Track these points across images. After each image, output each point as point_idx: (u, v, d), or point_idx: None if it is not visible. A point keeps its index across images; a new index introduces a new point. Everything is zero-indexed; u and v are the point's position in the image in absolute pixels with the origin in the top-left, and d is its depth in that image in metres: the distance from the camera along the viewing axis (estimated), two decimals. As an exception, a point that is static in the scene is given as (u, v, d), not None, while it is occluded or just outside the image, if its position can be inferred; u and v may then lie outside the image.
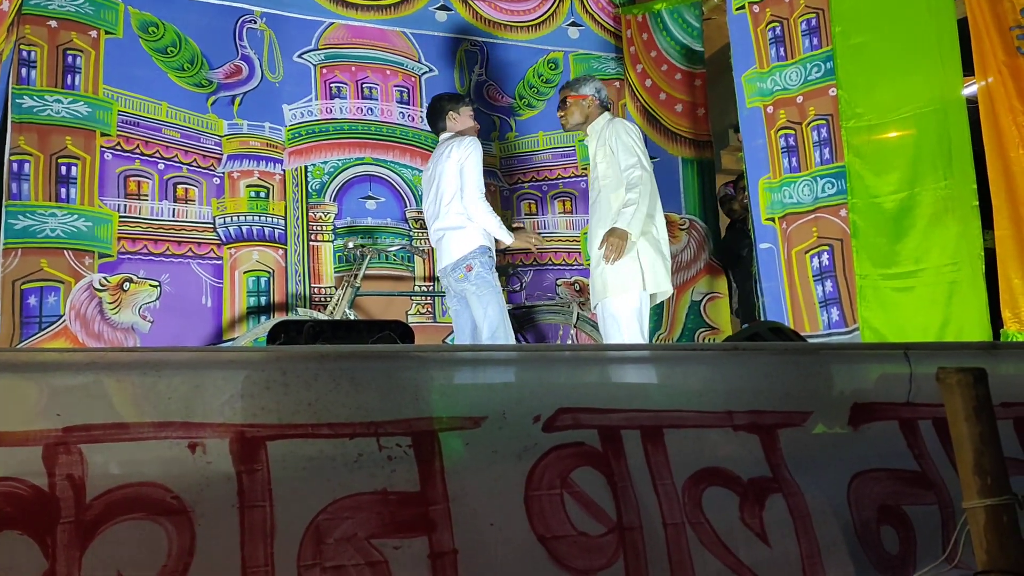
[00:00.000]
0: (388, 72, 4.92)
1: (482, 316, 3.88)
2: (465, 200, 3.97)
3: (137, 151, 4.34)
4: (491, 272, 3.97)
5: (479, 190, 3.99)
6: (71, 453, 1.27)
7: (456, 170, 3.99)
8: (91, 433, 1.29)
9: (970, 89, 3.85)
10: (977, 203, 3.58)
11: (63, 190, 4.14)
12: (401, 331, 1.67)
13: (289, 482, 1.36)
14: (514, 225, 4.65)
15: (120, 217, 4.24)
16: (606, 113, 4.02)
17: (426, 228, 4.29)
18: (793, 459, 1.68)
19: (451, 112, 4.20)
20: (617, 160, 3.80)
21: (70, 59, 4.23)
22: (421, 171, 4.65)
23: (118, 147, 4.29)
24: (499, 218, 4.06)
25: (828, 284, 4.06)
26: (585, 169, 5.35)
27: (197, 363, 1.43)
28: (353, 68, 4.85)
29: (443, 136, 4.22)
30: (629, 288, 3.74)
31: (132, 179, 4.32)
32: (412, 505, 1.40)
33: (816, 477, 1.67)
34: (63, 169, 4.15)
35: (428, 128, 4.50)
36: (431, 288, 4.75)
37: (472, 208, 3.96)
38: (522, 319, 4.62)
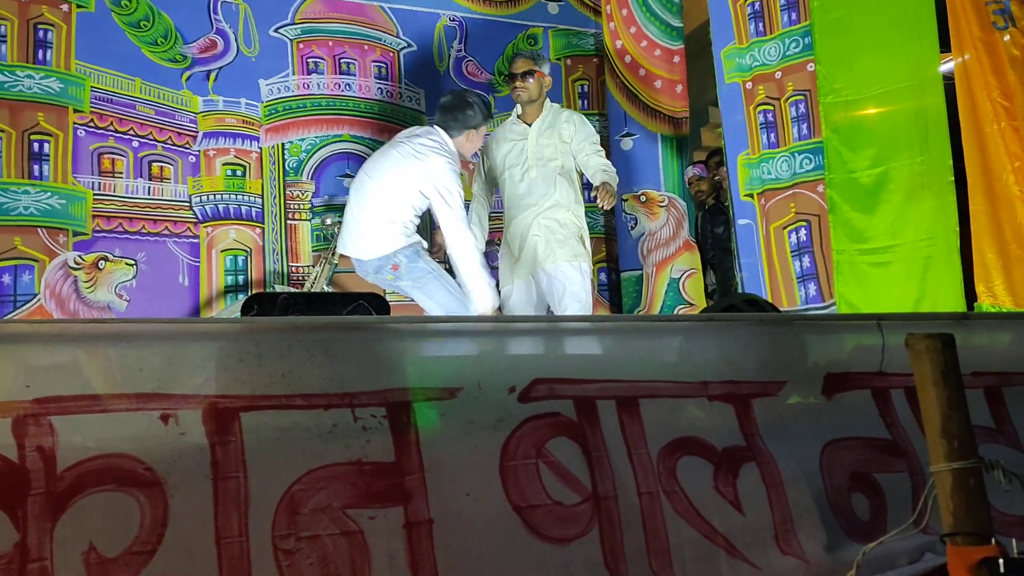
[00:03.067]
0: (366, 47, 4.87)
1: (433, 307, 3.63)
2: (451, 244, 3.57)
3: (111, 128, 4.28)
4: (422, 258, 3.63)
5: (461, 226, 3.58)
6: (41, 425, 1.26)
7: (422, 186, 3.57)
8: (61, 405, 1.28)
9: (947, 66, 3.87)
10: (952, 178, 3.61)
11: (36, 167, 4.08)
12: (376, 303, 1.67)
13: (263, 453, 1.35)
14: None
15: (94, 195, 4.18)
16: (547, 99, 4.09)
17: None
18: (767, 428, 1.70)
19: (471, 131, 3.74)
20: (581, 146, 3.94)
21: (41, 33, 4.15)
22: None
23: (91, 124, 4.23)
24: (482, 258, 3.71)
25: (806, 259, 4.09)
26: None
27: (169, 335, 1.42)
28: (330, 43, 4.80)
29: (426, 129, 3.83)
30: (582, 256, 3.91)
31: (106, 156, 4.26)
32: (387, 475, 1.41)
33: (789, 446, 1.69)
34: (35, 146, 4.09)
35: (408, 104, 4.45)
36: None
37: (461, 257, 3.54)
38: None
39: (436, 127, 3.79)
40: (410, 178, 3.61)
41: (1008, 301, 3.42)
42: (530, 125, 4.03)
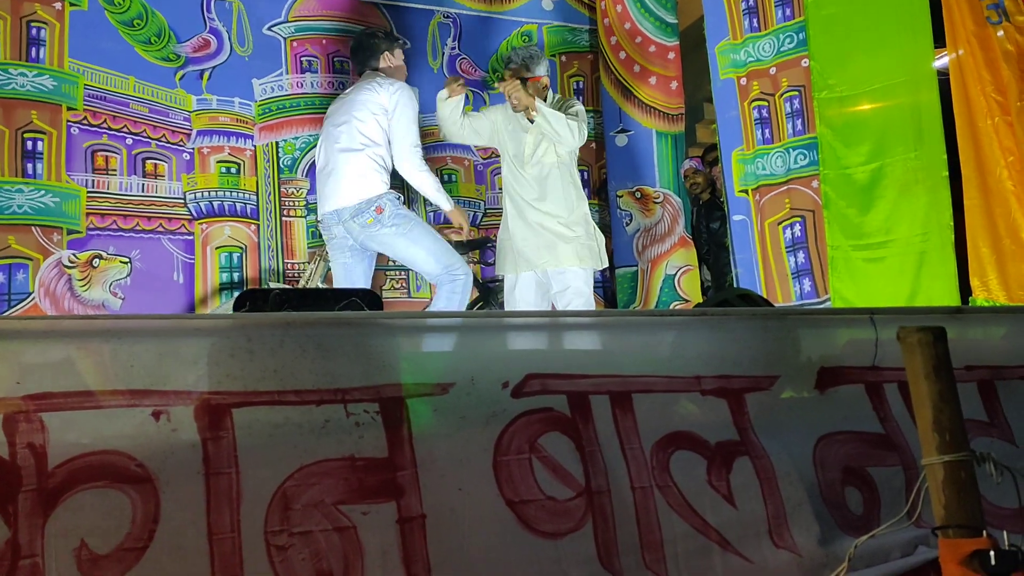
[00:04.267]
0: (360, 45, 4.85)
1: (421, 253, 3.61)
2: (398, 157, 3.69)
3: (104, 126, 4.27)
4: (403, 205, 3.69)
5: (414, 146, 3.71)
6: (32, 421, 1.25)
7: (379, 114, 3.71)
8: (52, 401, 1.28)
9: (941, 61, 3.87)
10: (947, 174, 3.62)
11: (29, 165, 4.07)
12: (369, 299, 1.67)
13: (255, 449, 1.35)
14: None
15: (88, 192, 4.17)
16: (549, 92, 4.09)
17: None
18: (760, 423, 1.70)
19: (386, 53, 3.95)
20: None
21: (34, 31, 4.14)
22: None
23: (85, 121, 4.22)
24: (438, 180, 3.86)
25: (800, 255, 4.10)
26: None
27: (160, 331, 1.42)
28: (324, 41, 4.78)
29: (364, 76, 3.98)
30: (586, 259, 3.91)
31: (100, 154, 4.25)
32: (380, 471, 1.41)
33: (783, 440, 1.69)
34: (29, 144, 4.07)
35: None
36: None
37: (407, 165, 3.68)
38: (497, 291, 4.61)
39: (367, 72, 3.95)
40: (376, 107, 3.72)
41: (1002, 295, 3.43)
42: (532, 122, 4.02)
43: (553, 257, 3.88)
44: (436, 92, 4.25)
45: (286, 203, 4.60)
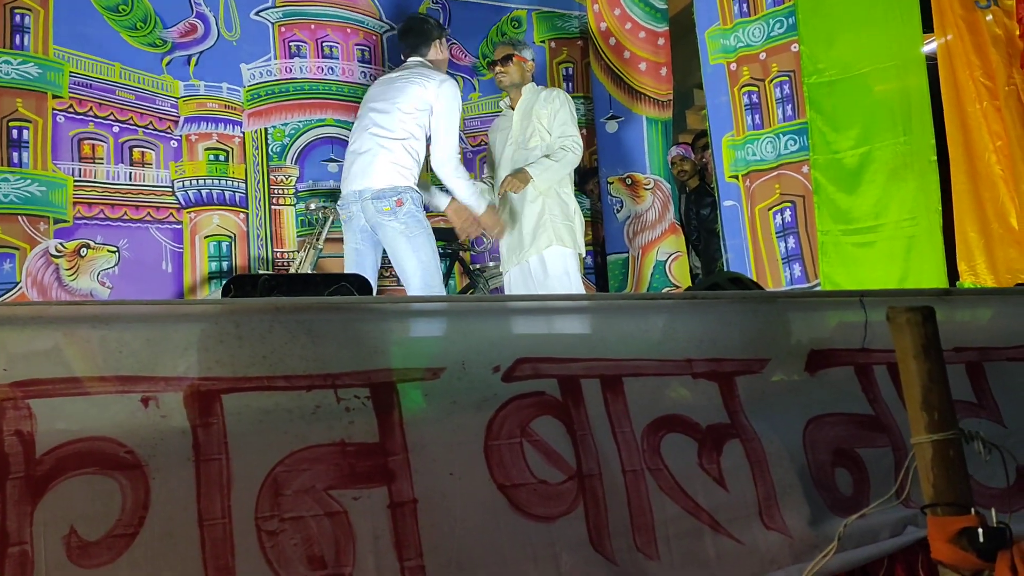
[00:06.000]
0: (349, 31, 4.83)
1: (414, 263, 3.54)
2: (437, 158, 3.69)
3: (91, 113, 4.23)
4: (422, 210, 3.65)
5: (454, 148, 3.70)
6: (19, 408, 1.25)
7: (423, 109, 3.67)
8: (39, 388, 1.27)
9: (930, 46, 3.88)
10: (935, 158, 3.63)
11: (15, 154, 4.03)
12: (358, 284, 1.66)
13: (245, 435, 1.35)
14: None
15: (75, 181, 4.14)
16: (532, 82, 4.08)
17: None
18: (751, 405, 1.70)
19: (437, 41, 3.90)
20: (552, 127, 3.89)
21: (18, 18, 4.09)
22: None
23: (71, 109, 4.18)
24: (473, 183, 3.86)
25: (791, 240, 4.10)
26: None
27: (149, 317, 1.41)
28: (313, 26, 4.75)
29: (411, 62, 3.92)
30: (567, 242, 3.87)
31: (86, 142, 4.21)
32: (371, 456, 1.40)
33: (773, 422, 1.69)
34: (14, 132, 4.03)
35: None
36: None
37: (447, 168, 3.68)
38: (488, 279, 4.61)
39: (413, 57, 3.92)
40: (421, 102, 3.68)
41: (990, 279, 3.45)
42: (514, 111, 4.04)
43: (534, 242, 3.87)
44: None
45: (275, 191, 4.57)
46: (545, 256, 3.83)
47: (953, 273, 3.61)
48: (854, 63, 3.85)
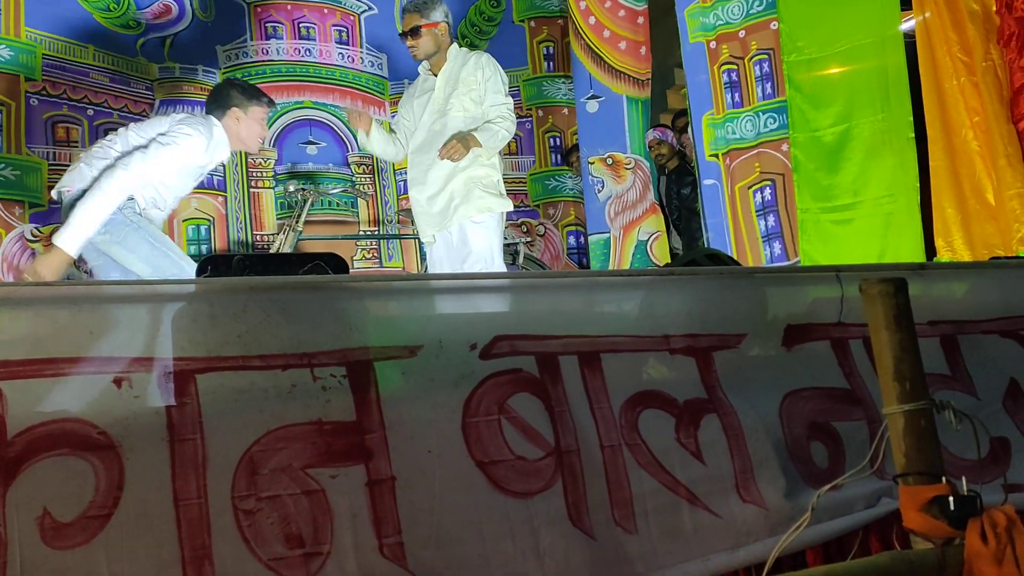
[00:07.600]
0: (326, 11, 4.78)
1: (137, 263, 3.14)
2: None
3: (64, 96, 4.18)
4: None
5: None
6: (-11, 390, 1.23)
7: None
8: (10, 369, 1.26)
9: (908, 24, 3.88)
10: (913, 135, 3.64)
11: (-12, 138, 3.98)
12: (334, 263, 1.65)
13: (220, 415, 1.34)
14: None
15: (49, 165, 4.09)
16: (454, 43, 3.68)
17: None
18: (728, 380, 1.71)
19: (235, 108, 3.35)
20: (485, 95, 3.56)
21: (-12, 0, 4.03)
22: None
23: (44, 92, 4.13)
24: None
25: (771, 218, 4.12)
26: (530, 111, 5.31)
27: (121, 297, 1.39)
28: (289, 7, 4.70)
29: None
30: (487, 209, 3.56)
31: (60, 125, 4.17)
32: (348, 434, 1.40)
33: (750, 397, 1.70)
34: (-13, 116, 3.98)
35: (369, 69, 4.36)
36: (376, 232, 4.69)
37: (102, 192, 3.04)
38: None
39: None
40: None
41: (967, 255, 3.48)
42: (437, 76, 3.67)
43: (455, 212, 3.55)
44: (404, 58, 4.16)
45: (253, 174, 4.54)
46: (466, 228, 3.54)
47: (931, 249, 3.64)
48: (833, 40, 3.85)
